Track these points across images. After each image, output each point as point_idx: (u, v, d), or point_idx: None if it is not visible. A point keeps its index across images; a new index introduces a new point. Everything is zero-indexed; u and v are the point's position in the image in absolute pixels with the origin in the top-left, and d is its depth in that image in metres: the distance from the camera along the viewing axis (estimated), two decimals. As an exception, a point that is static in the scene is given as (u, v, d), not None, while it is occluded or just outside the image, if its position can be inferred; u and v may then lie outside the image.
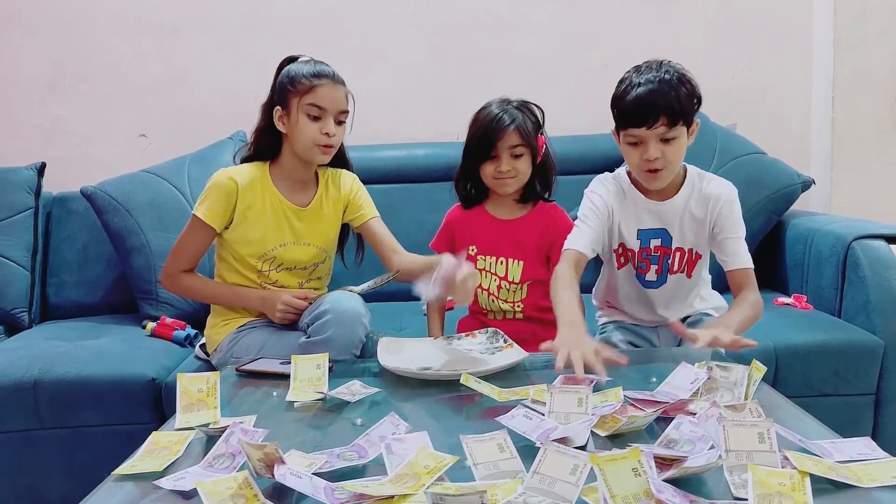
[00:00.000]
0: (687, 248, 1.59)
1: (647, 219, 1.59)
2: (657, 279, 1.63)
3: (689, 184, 1.57)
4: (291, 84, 1.62)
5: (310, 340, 1.50)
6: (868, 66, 2.55)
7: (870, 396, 1.81)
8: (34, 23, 2.57)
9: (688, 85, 1.47)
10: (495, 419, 1.04)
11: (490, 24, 2.62)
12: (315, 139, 1.62)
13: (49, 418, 1.75)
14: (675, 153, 1.46)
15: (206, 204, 1.65)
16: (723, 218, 1.53)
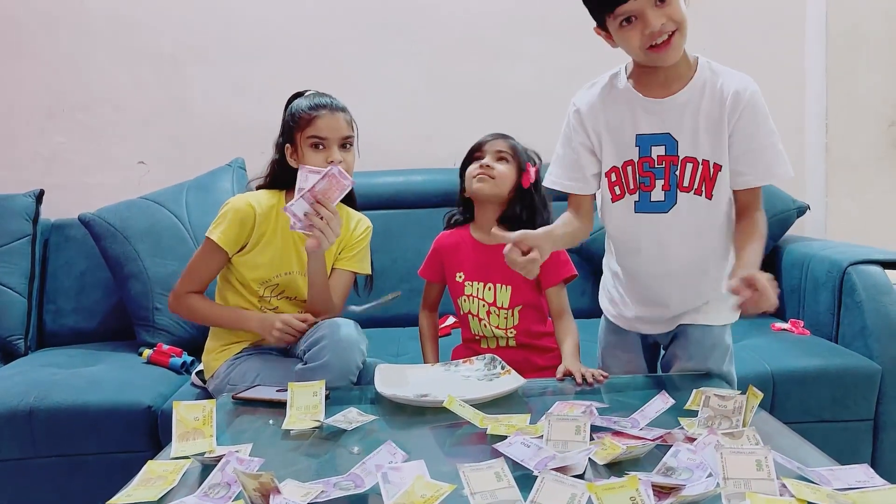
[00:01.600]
0: (701, 159, 1.32)
1: (646, 121, 1.34)
2: (665, 198, 1.35)
3: (700, 77, 1.32)
4: (293, 120, 1.66)
5: (306, 367, 1.50)
6: (860, 93, 2.58)
7: (868, 422, 1.80)
8: (35, 52, 2.59)
9: None
10: (493, 447, 1.04)
11: (486, 53, 2.65)
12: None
13: (45, 446, 1.73)
14: (676, 10, 1.22)
15: (221, 228, 1.65)
16: (743, 124, 1.29)
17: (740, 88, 1.29)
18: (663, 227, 1.36)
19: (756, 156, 1.30)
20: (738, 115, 1.28)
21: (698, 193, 1.33)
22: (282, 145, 1.70)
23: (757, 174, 1.31)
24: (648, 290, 1.46)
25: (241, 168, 2.43)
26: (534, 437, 1.07)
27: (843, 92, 2.58)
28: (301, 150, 1.65)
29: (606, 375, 1.39)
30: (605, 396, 1.32)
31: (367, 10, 2.63)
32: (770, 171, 1.31)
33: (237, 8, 2.61)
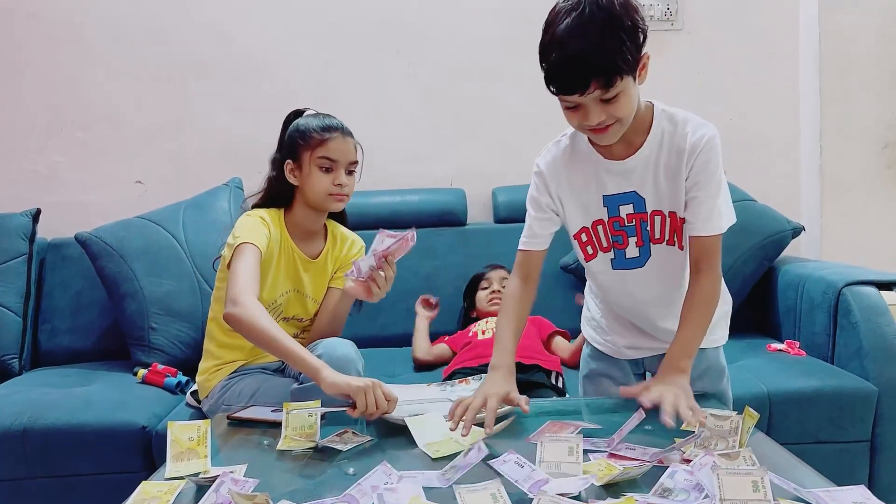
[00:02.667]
0: (668, 211, 1.32)
1: (610, 182, 1.32)
2: (640, 253, 1.36)
3: (658, 131, 1.29)
4: (302, 138, 1.66)
5: (302, 387, 1.49)
6: (854, 116, 2.60)
7: (865, 444, 1.80)
8: (34, 70, 2.60)
9: (623, 23, 1.12)
10: (487, 463, 1.03)
11: (483, 74, 2.67)
12: (328, 190, 1.66)
13: (38, 467, 1.72)
14: (622, 108, 1.17)
15: (247, 233, 1.61)
16: (695, 171, 1.26)
17: (697, 138, 1.26)
18: (642, 277, 1.38)
19: (697, 204, 1.27)
20: (692, 163, 1.26)
21: (671, 244, 1.34)
22: (280, 161, 1.70)
23: (693, 223, 1.28)
24: (635, 324, 1.47)
25: (239, 188, 2.44)
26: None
27: (836, 114, 2.60)
28: (307, 170, 1.66)
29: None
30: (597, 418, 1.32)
31: (365, 31, 2.65)
32: (702, 224, 1.27)
33: (236, 28, 2.63)
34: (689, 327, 1.27)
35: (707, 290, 1.28)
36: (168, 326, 2.13)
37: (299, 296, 1.73)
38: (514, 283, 1.42)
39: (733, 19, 2.70)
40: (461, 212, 2.54)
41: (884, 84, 2.60)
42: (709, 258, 1.28)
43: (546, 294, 2.31)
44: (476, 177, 2.68)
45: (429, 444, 1.13)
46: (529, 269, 1.41)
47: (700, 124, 1.28)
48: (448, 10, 2.66)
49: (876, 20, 2.59)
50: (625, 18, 1.12)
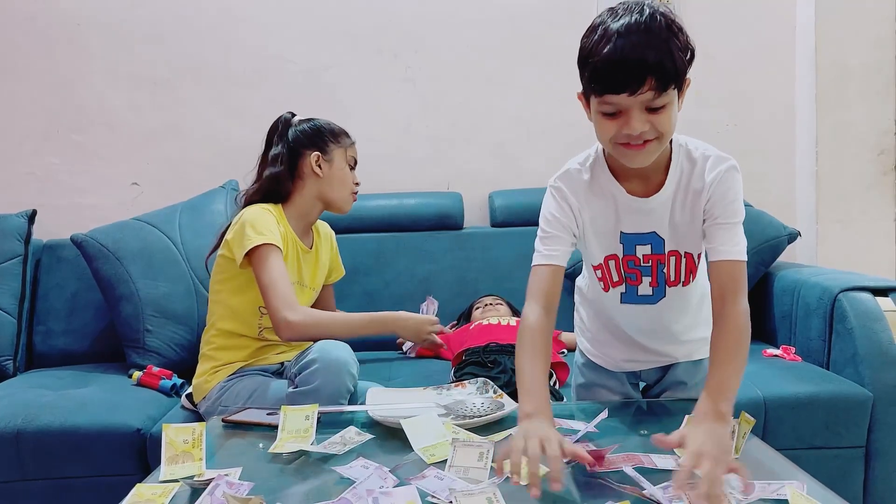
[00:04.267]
0: (684, 252, 1.28)
1: (629, 220, 1.26)
2: (653, 292, 1.32)
3: (677, 169, 1.24)
4: (334, 137, 1.80)
5: (296, 391, 1.49)
6: (850, 123, 2.61)
7: (860, 449, 1.80)
8: (31, 73, 2.60)
9: (680, 34, 1.09)
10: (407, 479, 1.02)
11: (480, 79, 2.68)
12: (352, 188, 1.84)
13: (32, 469, 1.71)
14: (666, 122, 1.11)
15: (267, 232, 1.62)
16: (713, 202, 1.21)
17: (714, 175, 1.21)
18: (651, 312, 1.34)
19: (718, 229, 1.20)
20: (709, 197, 1.21)
21: (686, 284, 1.31)
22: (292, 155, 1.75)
23: (716, 248, 1.20)
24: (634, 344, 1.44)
25: (235, 190, 2.43)
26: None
27: (832, 121, 2.61)
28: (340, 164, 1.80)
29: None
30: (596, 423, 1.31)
31: (363, 36, 2.65)
32: (726, 248, 1.19)
33: (233, 32, 2.63)
34: (725, 364, 1.13)
35: (738, 319, 1.16)
36: (163, 329, 2.12)
37: (301, 287, 1.76)
38: (533, 312, 1.21)
39: (730, 26, 2.71)
40: (458, 215, 2.54)
41: (879, 92, 2.61)
42: (735, 286, 1.17)
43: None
44: (473, 181, 2.68)
45: (424, 449, 1.12)
46: (551, 291, 1.23)
47: (717, 160, 1.22)
48: (446, 15, 2.67)
49: (872, 28, 2.60)
50: (681, 31, 1.10)
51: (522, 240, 2.45)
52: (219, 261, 1.73)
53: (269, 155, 1.77)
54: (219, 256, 1.72)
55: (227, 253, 1.69)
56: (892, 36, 2.62)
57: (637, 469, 1.01)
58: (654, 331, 1.39)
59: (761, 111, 2.74)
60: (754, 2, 2.71)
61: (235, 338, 1.72)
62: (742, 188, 1.23)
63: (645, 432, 1.20)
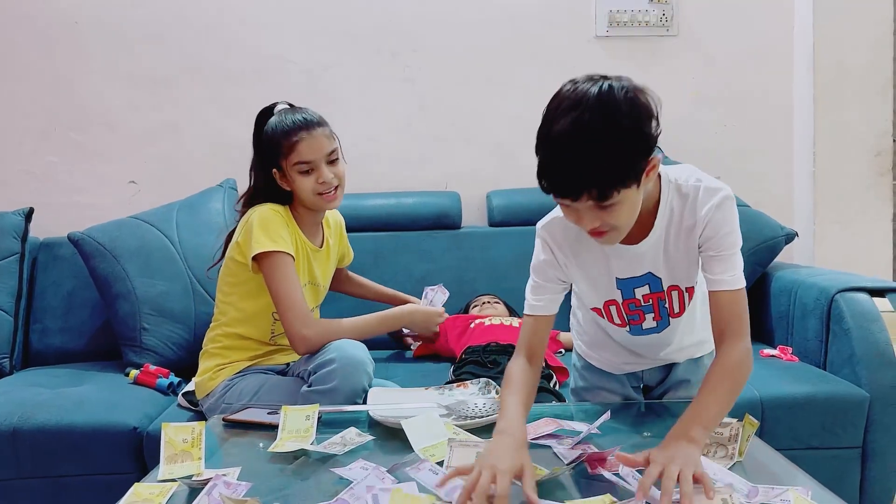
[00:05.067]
0: (685, 287, 1.27)
1: (622, 266, 1.25)
2: (658, 325, 1.33)
3: (666, 209, 1.19)
4: (276, 148, 1.64)
5: (313, 390, 1.48)
6: (847, 124, 2.62)
7: (857, 450, 1.80)
8: (30, 71, 2.59)
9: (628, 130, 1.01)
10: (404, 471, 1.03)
11: (478, 79, 2.68)
12: (315, 190, 1.65)
13: (28, 468, 1.71)
14: (620, 217, 1.07)
15: (278, 238, 1.59)
16: (707, 233, 1.18)
17: (706, 211, 1.16)
18: (656, 338, 1.35)
19: (713, 260, 1.17)
20: (702, 231, 1.17)
21: (684, 312, 1.31)
22: (266, 168, 1.68)
23: (712, 277, 1.18)
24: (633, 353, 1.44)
25: (233, 189, 2.43)
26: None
27: (830, 122, 2.62)
28: (291, 177, 1.65)
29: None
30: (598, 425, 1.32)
31: (362, 35, 2.65)
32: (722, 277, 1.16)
33: (231, 31, 2.62)
34: (710, 394, 1.10)
35: (735, 357, 1.13)
36: (160, 327, 2.11)
37: (313, 287, 1.75)
38: (517, 365, 1.22)
39: (728, 26, 2.71)
40: (456, 215, 2.54)
41: (877, 93, 2.62)
42: (735, 318, 1.14)
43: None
44: (471, 180, 2.68)
45: (424, 449, 1.12)
46: (536, 341, 1.25)
47: (708, 193, 1.16)
48: (445, 15, 2.67)
49: (869, 29, 2.61)
50: (628, 124, 1.00)
51: (520, 239, 2.46)
52: (228, 263, 1.69)
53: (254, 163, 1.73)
54: (228, 259, 1.69)
55: (237, 256, 1.65)
56: (889, 37, 2.62)
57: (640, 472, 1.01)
58: (654, 346, 1.40)
59: (759, 112, 2.74)
60: (752, 2, 2.72)
61: (244, 340, 1.71)
62: (737, 216, 1.18)
63: (648, 434, 1.21)
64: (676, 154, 2.54)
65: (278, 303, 1.58)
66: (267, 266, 1.58)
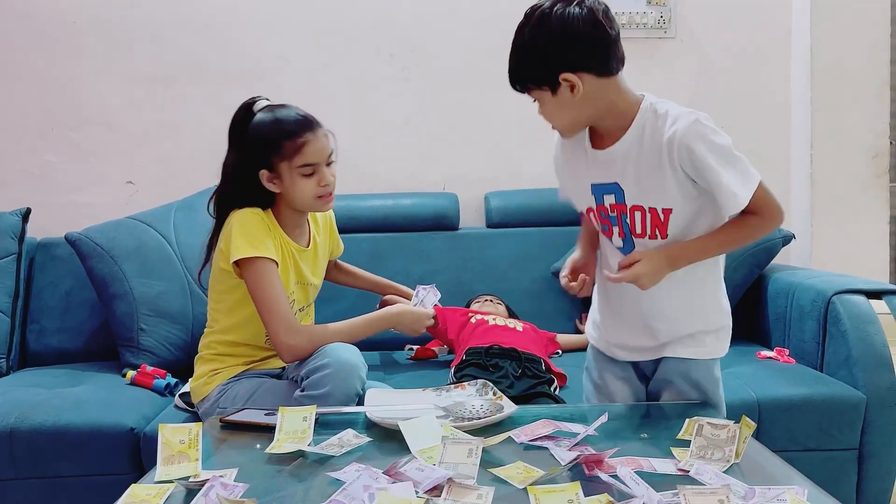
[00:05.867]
0: (648, 207, 1.30)
1: (596, 171, 1.34)
2: (623, 244, 1.37)
3: (640, 124, 1.28)
4: (273, 148, 1.58)
5: (305, 395, 1.47)
6: (844, 125, 2.63)
7: (853, 451, 1.81)
8: (28, 71, 2.59)
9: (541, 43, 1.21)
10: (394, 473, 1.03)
11: (476, 80, 2.68)
12: (315, 193, 1.62)
13: (25, 468, 1.70)
14: (546, 114, 1.30)
15: (259, 244, 1.55)
16: (685, 165, 1.24)
17: (671, 133, 1.23)
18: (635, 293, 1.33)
19: (714, 190, 1.25)
20: (678, 160, 1.24)
21: (653, 238, 1.32)
22: (248, 168, 1.60)
23: (726, 205, 1.27)
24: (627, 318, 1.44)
25: (231, 189, 2.43)
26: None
27: (827, 124, 2.63)
28: (289, 180, 1.59)
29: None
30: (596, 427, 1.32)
31: (360, 35, 2.65)
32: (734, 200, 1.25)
33: (230, 30, 2.62)
34: (708, 235, 1.30)
35: (749, 222, 1.29)
36: (157, 328, 2.11)
37: (303, 286, 1.73)
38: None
39: (726, 28, 2.72)
40: (454, 216, 2.54)
41: (874, 94, 2.63)
42: (759, 209, 1.27)
43: (538, 299, 2.34)
44: (469, 181, 2.69)
45: (422, 451, 1.12)
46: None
47: (677, 117, 1.24)
48: (442, 16, 2.67)
49: (867, 31, 2.62)
50: (544, 40, 1.20)
51: (518, 241, 2.47)
52: (216, 272, 1.66)
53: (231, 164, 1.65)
54: (215, 267, 1.65)
55: (223, 264, 1.61)
56: (887, 39, 2.63)
57: (638, 473, 1.01)
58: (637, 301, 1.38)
59: (757, 113, 2.75)
60: (750, 5, 2.72)
61: (238, 346, 1.69)
62: (718, 133, 1.26)
63: (645, 435, 1.21)
64: (674, 156, 2.55)
65: (261, 311, 1.55)
66: (249, 273, 1.55)
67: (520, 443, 1.18)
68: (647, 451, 1.13)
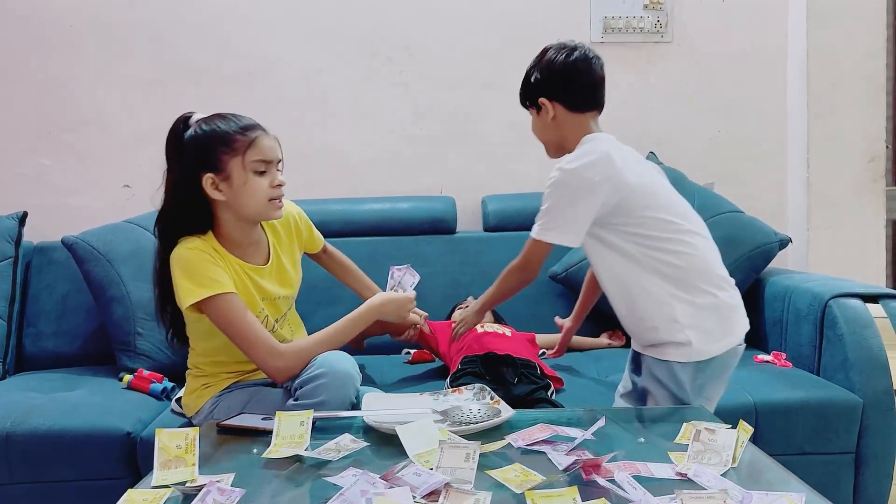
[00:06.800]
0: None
1: None
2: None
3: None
4: (224, 144, 1.49)
5: (299, 404, 1.45)
6: (841, 130, 2.64)
7: (850, 455, 1.81)
8: (24, 73, 2.59)
9: (531, 73, 1.60)
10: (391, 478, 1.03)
11: (473, 84, 2.69)
12: (268, 194, 1.53)
13: (21, 473, 1.70)
14: (532, 128, 1.64)
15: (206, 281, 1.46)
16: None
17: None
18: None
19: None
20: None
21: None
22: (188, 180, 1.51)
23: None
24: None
25: (228, 193, 2.42)
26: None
27: (823, 128, 2.63)
28: (241, 178, 1.50)
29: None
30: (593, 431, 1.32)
31: (357, 39, 2.66)
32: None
33: (228, 34, 2.63)
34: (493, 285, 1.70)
35: (510, 265, 1.63)
36: (154, 332, 2.10)
37: (271, 301, 1.66)
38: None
39: (723, 33, 2.73)
40: (451, 220, 2.54)
41: (870, 99, 2.63)
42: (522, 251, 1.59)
43: (534, 302, 2.34)
44: (466, 185, 2.69)
45: (419, 456, 1.12)
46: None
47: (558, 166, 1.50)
48: (440, 20, 2.67)
49: (863, 37, 2.63)
50: (534, 73, 1.60)
51: (516, 244, 2.42)
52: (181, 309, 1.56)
53: (172, 179, 1.54)
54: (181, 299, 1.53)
55: (181, 307, 1.53)
56: (882, 43, 2.64)
57: (636, 477, 1.01)
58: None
59: (753, 117, 2.76)
60: (747, 9, 2.73)
61: (224, 364, 1.66)
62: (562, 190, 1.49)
63: (642, 440, 1.21)
64: (670, 159, 2.55)
65: (238, 344, 1.49)
66: (209, 312, 1.48)
67: (517, 447, 1.18)
68: (645, 456, 1.13)
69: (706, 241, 1.54)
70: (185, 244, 1.51)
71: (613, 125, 1.61)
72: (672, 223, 1.48)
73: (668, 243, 1.47)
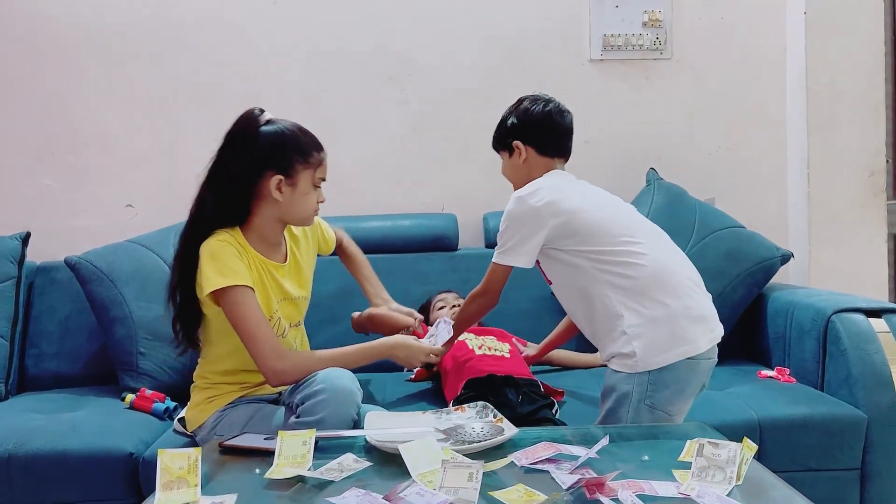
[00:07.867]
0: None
1: None
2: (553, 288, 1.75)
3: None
4: (300, 154, 1.60)
5: (300, 421, 1.45)
6: (841, 144, 2.64)
7: (855, 471, 1.80)
8: (25, 93, 2.60)
9: (505, 119, 1.77)
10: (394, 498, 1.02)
11: (474, 101, 2.69)
12: (315, 208, 1.68)
13: (23, 494, 1.69)
14: (503, 170, 1.81)
15: (231, 273, 1.52)
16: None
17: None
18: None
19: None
20: None
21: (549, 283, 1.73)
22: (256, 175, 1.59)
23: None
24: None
25: (230, 212, 2.43)
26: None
27: (823, 143, 2.64)
28: (304, 189, 1.62)
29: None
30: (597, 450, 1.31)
31: (358, 58, 2.67)
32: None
33: (229, 53, 2.64)
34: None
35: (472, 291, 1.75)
36: (157, 351, 2.11)
37: (288, 302, 1.70)
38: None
39: (722, 49, 2.74)
40: (452, 237, 2.55)
41: (870, 113, 2.64)
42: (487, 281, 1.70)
43: (537, 318, 2.33)
44: (467, 202, 2.69)
45: (422, 475, 1.12)
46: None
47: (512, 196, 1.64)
48: (440, 38, 2.69)
49: (862, 51, 2.64)
50: (508, 120, 1.77)
51: (517, 261, 2.46)
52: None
53: (228, 167, 1.62)
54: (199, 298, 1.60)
55: (200, 295, 1.57)
56: (881, 57, 2.65)
57: (639, 496, 1.01)
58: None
59: (753, 133, 2.77)
60: (745, 25, 2.75)
61: (232, 374, 1.68)
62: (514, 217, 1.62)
63: (646, 458, 1.20)
64: (671, 175, 2.55)
65: (243, 338, 1.52)
66: (225, 303, 1.52)
67: (521, 466, 1.17)
68: (649, 474, 1.12)
69: (662, 253, 1.59)
70: (216, 236, 1.58)
71: (614, 142, 1.62)
72: (619, 238, 1.57)
73: (617, 255, 1.55)
